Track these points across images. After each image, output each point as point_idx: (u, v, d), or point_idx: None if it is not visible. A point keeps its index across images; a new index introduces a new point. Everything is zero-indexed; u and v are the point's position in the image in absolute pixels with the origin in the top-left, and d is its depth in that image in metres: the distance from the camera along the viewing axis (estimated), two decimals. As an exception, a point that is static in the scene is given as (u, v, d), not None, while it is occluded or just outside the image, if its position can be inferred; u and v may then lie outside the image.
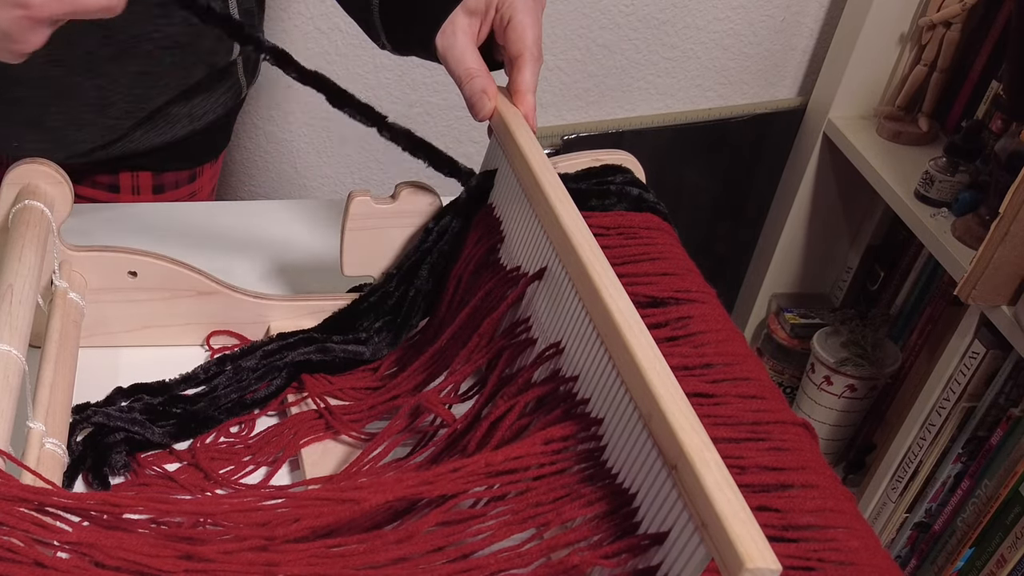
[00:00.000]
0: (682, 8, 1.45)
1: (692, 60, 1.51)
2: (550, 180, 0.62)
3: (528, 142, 0.65)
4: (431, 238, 0.70)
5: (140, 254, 0.70)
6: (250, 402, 0.67)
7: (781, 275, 1.67)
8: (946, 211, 1.30)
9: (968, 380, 1.24)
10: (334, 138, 1.44)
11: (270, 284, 0.79)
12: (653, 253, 0.65)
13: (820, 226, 1.62)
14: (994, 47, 1.35)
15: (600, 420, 0.52)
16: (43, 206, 0.65)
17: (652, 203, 0.70)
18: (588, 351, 0.54)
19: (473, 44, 0.67)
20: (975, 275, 1.10)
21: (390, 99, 1.42)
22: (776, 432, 0.53)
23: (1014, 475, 1.21)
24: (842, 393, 1.50)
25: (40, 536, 0.45)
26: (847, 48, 1.45)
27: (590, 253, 0.56)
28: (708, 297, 0.62)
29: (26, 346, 0.56)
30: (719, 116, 1.56)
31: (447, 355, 0.66)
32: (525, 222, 0.64)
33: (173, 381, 0.68)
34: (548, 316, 0.59)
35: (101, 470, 0.61)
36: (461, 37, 0.66)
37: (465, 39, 0.67)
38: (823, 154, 1.54)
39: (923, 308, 1.50)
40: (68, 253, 0.68)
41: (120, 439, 0.62)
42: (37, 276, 0.61)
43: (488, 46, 0.69)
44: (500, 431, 0.56)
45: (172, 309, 0.71)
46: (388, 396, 0.67)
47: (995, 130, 1.31)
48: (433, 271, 0.69)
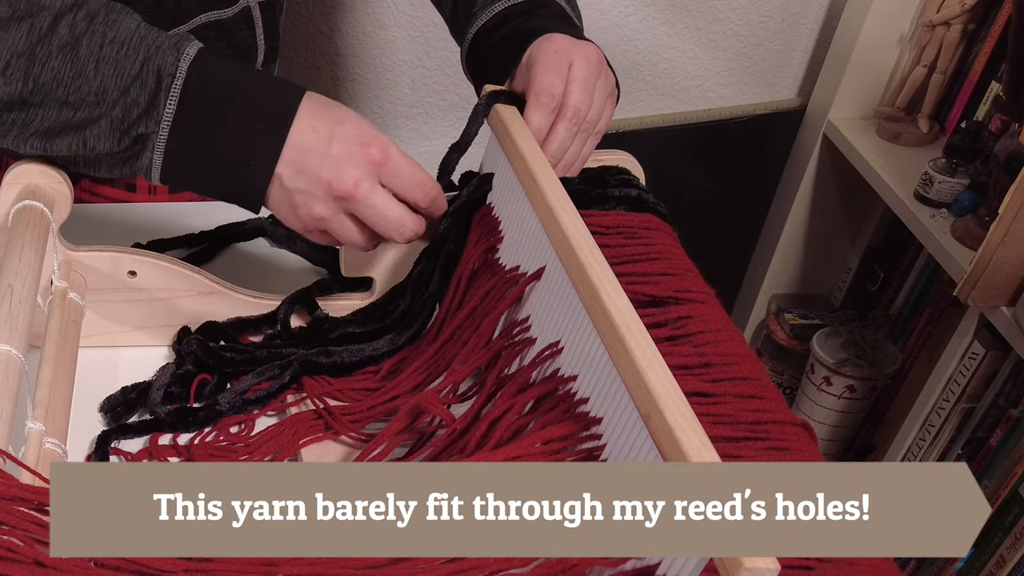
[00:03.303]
0: (682, 8, 1.45)
1: (692, 60, 1.51)
2: (548, 180, 0.62)
3: (526, 142, 0.65)
4: (435, 244, 0.70)
5: (140, 254, 0.70)
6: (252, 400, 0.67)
7: (781, 276, 1.67)
8: (946, 212, 1.30)
9: (967, 381, 1.24)
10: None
11: (270, 284, 0.79)
12: (653, 253, 0.65)
13: (820, 227, 1.62)
14: (994, 47, 1.35)
15: (599, 419, 0.52)
16: (43, 206, 0.65)
17: (652, 203, 0.70)
18: (587, 351, 0.54)
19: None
20: (975, 276, 1.10)
21: (390, 100, 1.42)
22: (775, 432, 0.53)
23: (1013, 476, 1.21)
24: (841, 394, 1.50)
25: (40, 536, 0.45)
26: (847, 49, 1.45)
27: (588, 253, 0.56)
28: (707, 297, 0.62)
29: (26, 346, 0.56)
30: (719, 116, 1.56)
31: (446, 355, 0.66)
32: (524, 222, 0.64)
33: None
34: (547, 316, 0.60)
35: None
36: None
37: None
38: (823, 155, 1.54)
39: (923, 309, 1.50)
40: (68, 253, 0.68)
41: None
42: (37, 276, 0.61)
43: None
44: (499, 431, 0.56)
45: (172, 309, 0.71)
46: (387, 397, 0.67)
47: (995, 131, 1.31)
48: (444, 274, 0.69)
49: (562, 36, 0.71)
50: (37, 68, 0.59)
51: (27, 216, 0.64)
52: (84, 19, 0.60)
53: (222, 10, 0.80)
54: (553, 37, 0.71)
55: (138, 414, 0.67)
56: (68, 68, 0.60)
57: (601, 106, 0.72)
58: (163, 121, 0.60)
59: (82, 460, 0.63)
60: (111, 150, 0.62)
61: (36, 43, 0.59)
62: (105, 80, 0.60)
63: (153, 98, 0.60)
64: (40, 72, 0.59)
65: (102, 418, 0.66)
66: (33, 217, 0.64)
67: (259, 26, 0.84)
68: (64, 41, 0.59)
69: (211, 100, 0.61)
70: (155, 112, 0.60)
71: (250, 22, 0.83)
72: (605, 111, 0.72)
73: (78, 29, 0.60)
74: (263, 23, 0.85)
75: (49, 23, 0.59)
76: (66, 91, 0.60)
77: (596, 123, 0.71)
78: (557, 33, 0.71)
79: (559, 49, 0.70)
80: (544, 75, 0.69)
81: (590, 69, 0.70)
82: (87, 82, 0.60)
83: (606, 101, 0.72)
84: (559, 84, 0.69)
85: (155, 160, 0.62)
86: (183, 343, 0.70)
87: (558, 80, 0.69)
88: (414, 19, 1.36)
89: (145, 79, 0.60)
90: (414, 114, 1.44)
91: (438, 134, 1.46)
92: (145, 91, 0.60)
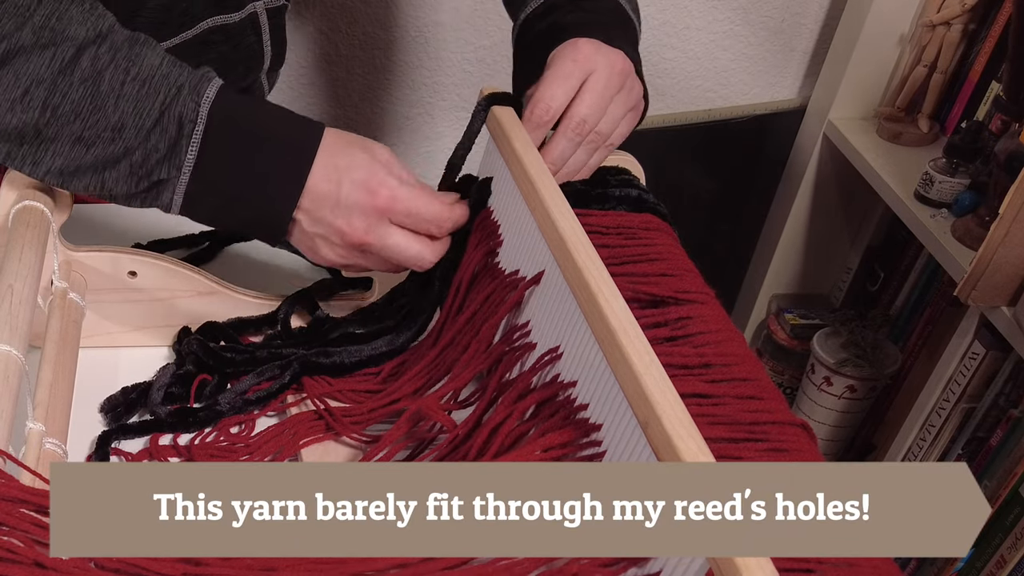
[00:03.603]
0: (682, 9, 1.45)
1: (692, 60, 1.51)
2: (545, 183, 0.62)
3: (524, 146, 0.65)
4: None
5: (140, 254, 0.70)
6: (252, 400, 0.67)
7: (781, 276, 1.67)
8: (946, 212, 1.30)
9: (968, 381, 1.24)
10: (334, 138, 1.44)
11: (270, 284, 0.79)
12: (652, 254, 0.65)
13: (820, 227, 1.62)
14: (994, 47, 1.35)
15: (599, 426, 0.52)
16: (43, 206, 0.65)
17: (652, 204, 0.70)
18: (586, 356, 0.54)
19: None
20: (975, 276, 1.10)
21: (391, 100, 1.42)
22: (775, 433, 0.53)
23: (1014, 476, 1.21)
24: (842, 394, 1.50)
25: (41, 537, 0.45)
26: (847, 48, 1.45)
27: (585, 257, 0.56)
28: (707, 298, 0.62)
29: (26, 346, 0.56)
30: (719, 116, 1.56)
31: (447, 359, 0.66)
32: (523, 226, 0.64)
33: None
34: (547, 320, 0.59)
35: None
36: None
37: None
38: (823, 155, 1.53)
39: (923, 309, 1.50)
40: (68, 253, 0.68)
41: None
42: (37, 276, 0.61)
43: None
44: (500, 437, 0.56)
45: (172, 309, 0.71)
46: (388, 400, 0.67)
47: (995, 131, 1.30)
48: (444, 278, 0.69)
49: (589, 42, 0.69)
50: (57, 98, 0.59)
51: (27, 216, 0.64)
52: (107, 52, 0.60)
53: (229, 15, 0.80)
54: (579, 43, 0.68)
55: (138, 414, 0.67)
56: (88, 102, 0.59)
57: (617, 119, 0.70)
58: (184, 167, 0.61)
59: (82, 460, 0.63)
60: (128, 192, 0.62)
61: (58, 73, 0.59)
62: (124, 117, 0.60)
63: (174, 144, 0.60)
64: (60, 102, 0.59)
65: (102, 418, 0.66)
66: (33, 217, 0.64)
67: (266, 32, 0.84)
68: (86, 74, 0.59)
69: (231, 145, 0.61)
70: (176, 159, 0.61)
71: (257, 27, 0.83)
72: (622, 124, 0.70)
73: (101, 62, 0.60)
74: (270, 28, 0.85)
75: (72, 54, 0.59)
76: (83, 125, 0.60)
77: (607, 135, 0.70)
78: (585, 39, 0.69)
79: (578, 58, 0.68)
80: (547, 85, 0.68)
81: (610, 81, 0.68)
82: (105, 117, 0.60)
83: (625, 114, 0.70)
84: (560, 96, 0.67)
85: (175, 201, 0.62)
86: (183, 343, 0.70)
87: (560, 92, 0.67)
88: (414, 19, 1.36)
89: (166, 126, 0.60)
90: (414, 114, 1.44)
91: (438, 134, 1.46)
92: (165, 137, 0.60)
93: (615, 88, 0.69)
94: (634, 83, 0.71)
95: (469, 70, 1.42)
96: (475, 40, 1.39)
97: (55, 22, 0.59)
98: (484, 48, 1.40)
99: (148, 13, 0.74)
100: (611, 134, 0.70)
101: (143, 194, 0.63)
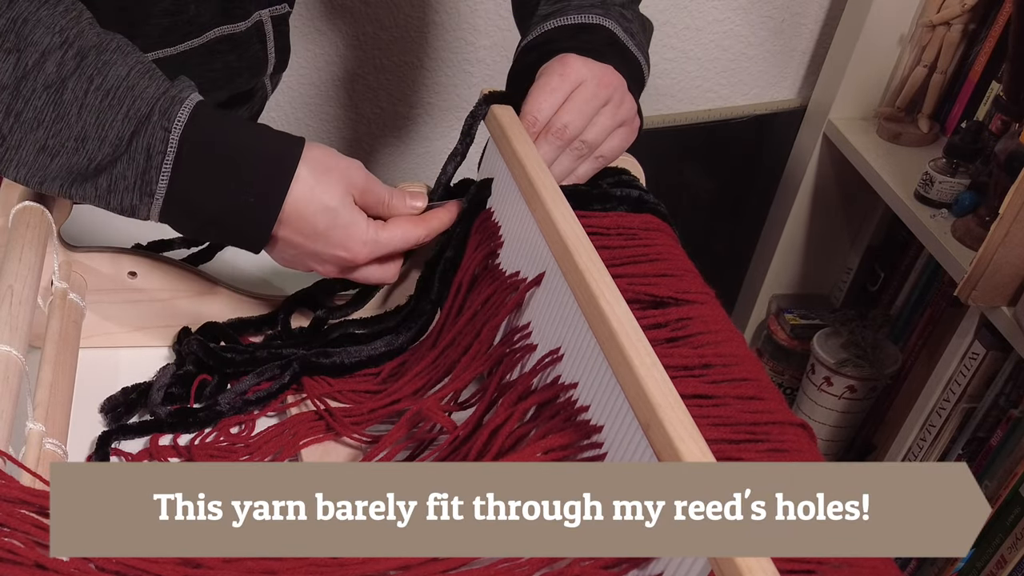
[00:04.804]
0: (682, 9, 1.45)
1: (692, 60, 1.51)
2: (546, 184, 0.62)
3: (524, 146, 0.65)
4: (435, 250, 0.70)
5: (140, 254, 0.70)
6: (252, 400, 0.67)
7: (781, 276, 1.67)
8: (946, 212, 1.30)
9: (968, 381, 1.24)
10: (335, 140, 1.44)
11: (270, 284, 0.79)
12: (653, 254, 0.65)
13: (820, 227, 1.62)
14: (994, 47, 1.35)
15: (600, 428, 0.51)
16: (43, 207, 0.65)
17: (652, 204, 0.70)
18: (587, 358, 0.54)
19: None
20: (975, 276, 1.10)
21: (391, 100, 1.42)
22: (775, 433, 0.53)
23: (1014, 476, 1.21)
24: (842, 394, 1.50)
25: (41, 539, 0.45)
26: (847, 49, 1.45)
27: (586, 259, 0.55)
28: (707, 298, 0.62)
29: (26, 347, 0.56)
30: (719, 116, 1.56)
31: (447, 360, 0.66)
32: (523, 227, 0.64)
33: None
34: (547, 322, 0.59)
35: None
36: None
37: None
38: (823, 155, 1.54)
39: (923, 309, 1.50)
40: (68, 253, 0.68)
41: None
42: (37, 277, 0.61)
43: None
44: (500, 439, 0.56)
45: (172, 309, 0.71)
46: (388, 400, 0.67)
47: (995, 131, 1.30)
48: (443, 280, 0.69)
49: (577, 58, 0.68)
50: (20, 104, 0.59)
51: (27, 217, 0.64)
52: (73, 58, 0.59)
53: (236, 24, 0.80)
54: (566, 59, 0.68)
55: (138, 415, 0.67)
56: (51, 110, 0.59)
57: (606, 129, 0.68)
58: (156, 195, 0.61)
59: (82, 461, 0.63)
60: (105, 207, 0.62)
61: (21, 78, 0.58)
62: (87, 128, 0.59)
63: (143, 173, 0.60)
64: (23, 108, 0.59)
65: (102, 419, 0.66)
66: (33, 218, 0.64)
67: (271, 39, 0.85)
68: (50, 80, 0.59)
69: (204, 170, 0.61)
70: (147, 187, 0.60)
71: (262, 35, 0.83)
72: (613, 137, 0.69)
73: (65, 69, 0.59)
74: (275, 36, 0.85)
75: (36, 59, 0.58)
76: (46, 133, 0.59)
77: (594, 145, 0.68)
78: (574, 55, 0.68)
79: (566, 72, 0.67)
80: (533, 98, 0.67)
81: (597, 92, 0.67)
82: (68, 127, 0.59)
83: (615, 128, 0.69)
84: (547, 109, 0.67)
85: (152, 216, 0.63)
86: (183, 344, 0.70)
87: (547, 104, 0.67)
88: (414, 19, 1.36)
89: (133, 155, 0.60)
90: (414, 114, 1.44)
91: (438, 134, 1.46)
92: (133, 166, 0.60)
93: (602, 99, 0.68)
94: (624, 96, 0.70)
95: (469, 70, 1.42)
96: (475, 40, 1.39)
97: (21, 26, 0.59)
98: (484, 48, 1.40)
99: (155, 21, 0.74)
100: (599, 144, 0.69)
101: (118, 212, 0.63)
